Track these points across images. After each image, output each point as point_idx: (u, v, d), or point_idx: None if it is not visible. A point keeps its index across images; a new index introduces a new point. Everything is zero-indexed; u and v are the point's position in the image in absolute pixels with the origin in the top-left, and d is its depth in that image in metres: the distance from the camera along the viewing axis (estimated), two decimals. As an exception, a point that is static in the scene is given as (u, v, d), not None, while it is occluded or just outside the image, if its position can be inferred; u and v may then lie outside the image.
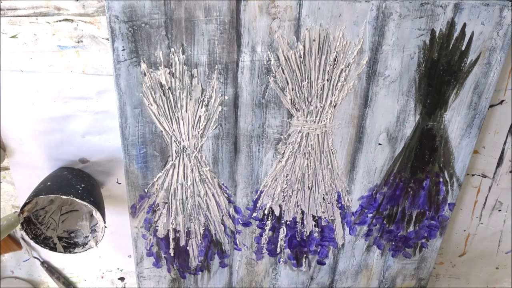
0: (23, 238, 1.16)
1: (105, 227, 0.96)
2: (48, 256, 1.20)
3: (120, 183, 1.07)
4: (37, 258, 1.19)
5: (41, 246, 0.97)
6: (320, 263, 1.20)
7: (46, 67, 0.90)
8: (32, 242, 1.00)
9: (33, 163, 1.02)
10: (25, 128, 0.97)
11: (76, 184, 0.95)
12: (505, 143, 1.10)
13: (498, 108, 1.04)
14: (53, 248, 0.99)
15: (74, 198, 0.90)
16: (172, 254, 1.12)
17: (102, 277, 1.26)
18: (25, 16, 0.84)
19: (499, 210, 1.22)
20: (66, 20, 0.85)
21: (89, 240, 1.01)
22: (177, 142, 0.96)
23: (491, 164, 1.14)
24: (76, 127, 0.98)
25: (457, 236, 1.27)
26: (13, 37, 0.86)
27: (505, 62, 0.96)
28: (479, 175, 1.15)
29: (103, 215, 0.96)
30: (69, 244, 1.01)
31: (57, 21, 0.85)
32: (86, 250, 1.00)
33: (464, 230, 1.26)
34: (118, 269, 1.24)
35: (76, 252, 1.00)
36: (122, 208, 1.08)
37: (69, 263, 1.22)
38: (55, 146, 1.00)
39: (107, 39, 0.88)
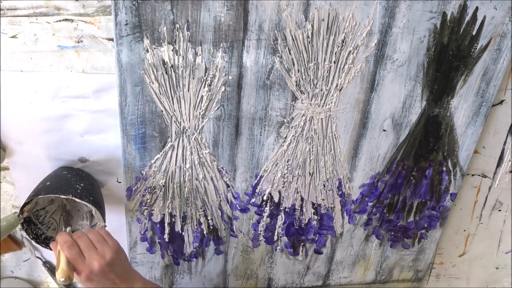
0: (26, 238, 1.14)
1: (105, 226, 0.94)
2: (51, 255, 1.18)
3: (120, 182, 1.04)
4: (40, 258, 1.18)
5: (42, 246, 0.96)
6: (317, 252, 1.18)
7: (46, 67, 0.88)
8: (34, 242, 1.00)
9: (33, 163, 1.01)
10: (25, 128, 0.96)
11: (75, 183, 0.94)
12: (505, 143, 1.10)
13: (498, 108, 1.04)
14: None
15: (73, 198, 0.89)
16: (166, 240, 1.09)
17: None
18: (25, 16, 0.83)
19: (499, 210, 1.22)
20: (66, 20, 0.84)
21: None
22: (177, 123, 0.93)
23: (491, 164, 1.14)
24: (75, 127, 0.96)
25: (457, 236, 1.27)
26: (13, 37, 0.84)
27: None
28: (479, 175, 1.15)
29: (103, 214, 0.94)
30: None
31: (57, 21, 0.83)
32: None
33: (464, 230, 1.26)
34: None
35: None
36: (122, 207, 1.05)
37: None
38: (54, 146, 0.98)
39: (107, 39, 0.86)
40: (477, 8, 0.88)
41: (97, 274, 0.81)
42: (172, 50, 0.85)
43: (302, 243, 1.16)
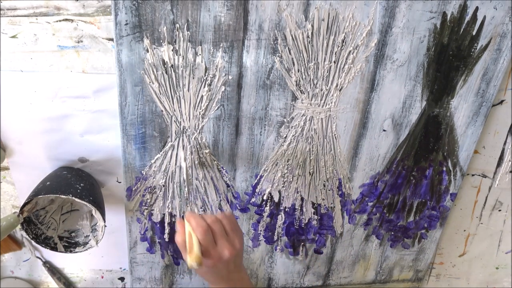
0: (26, 238, 1.14)
1: (105, 226, 0.94)
2: (50, 256, 1.18)
3: (120, 182, 1.04)
4: (40, 258, 1.18)
5: (42, 246, 0.96)
6: (317, 252, 1.18)
7: (46, 67, 0.88)
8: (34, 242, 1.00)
9: (33, 163, 1.00)
10: (25, 128, 0.95)
11: (75, 183, 0.93)
12: (505, 143, 1.10)
13: (498, 108, 1.04)
14: (54, 248, 0.98)
15: (73, 198, 0.89)
16: (166, 240, 1.09)
17: (102, 277, 1.24)
18: (25, 16, 0.82)
19: (499, 210, 1.22)
20: (66, 20, 0.83)
21: (90, 240, 1.00)
22: (177, 123, 0.93)
23: (491, 164, 1.14)
24: (75, 127, 0.96)
25: (457, 236, 1.27)
26: (13, 37, 0.84)
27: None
28: (479, 175, 1.15)
29: (103, 214, 0.94)
30: (70, 244, 1.00)
31: (57, 21, 0.83)
32: (86, 250, 0.99)
33: (464, 230, 1.26)
34: (120, 268, 1.22)
35: (76, 252, 0.99)
36: (122, 208, 1.05)
37: (70, 263, 1.20)
38: (54, 146, 0.98)
39: (107, 39, 0.86)
40: (477, 8, 0.88)
41: (224, 262, 0.79)
42: (172, 50, 0.85)
43: (302, 243, 1.16)
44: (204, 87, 0.90)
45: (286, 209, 1.09)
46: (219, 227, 0.80)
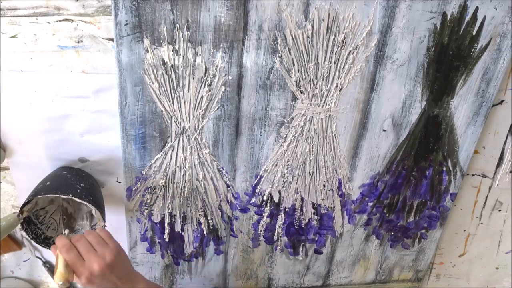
0: (26, 238, 1.14)
1: (105, 226, 0.94)
2: (50, 256, 1.18)
3: (120, 182, 1.04)
4: (40, 258, 1.18)
5: (42, 246, 0.96)
6: (317, 252, 1.18)
7: (46, 67, 0.88)
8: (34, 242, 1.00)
9: (33, 163, 1.00)
10: (25, 128, 0.95)
11: (75, 183, 0.93)
12: (505, 143, 1.10)
13: (498, 108, 1.04)
14: None
15: (73, 198, 0.89)
16: (166, 240, 1.09)
17: None
18: (25, 16, 0.83)
19: (499, 210, 1.22)
20: (66, 20, 0.83)
21: None
22: (177, 123, 0.93)
23: (491, 164, 1.14)
24: (75, 127, 0.96)
25: (457, 236, 1.27)
26: (13, 37, 0.84)
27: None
28: (479, 175, 1.15)
29: (103, 214, 0.94)
30: None
31: (57, 21, 0.83)
32: None
33: (464, 230, 1.26)
34: None
35: None
36: (122, 208, 1.05)
37: None
38: (54, 146, 0.98)
39: (107, 39, 0.86)
40: (477, 8, 0.88)
41: (97, 276, 0.81)
42: (172, 50, 0.85)
43: (302, 243, 1.16)
44: (204, 87, 0.90)
45: (286, 210, 1.09)
46: (84, 244, 0.83)
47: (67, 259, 0.80)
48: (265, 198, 1.06)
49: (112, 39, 0.85)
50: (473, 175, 1.14)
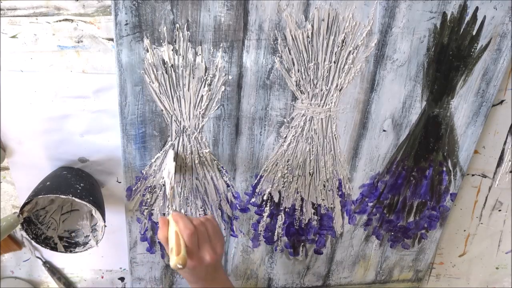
0: (26, 238, 1.14)
1: (105, 226, 0.94)
2: (50, 256, 1.18)
3: (120, 182, 1.04)
4: (40, 258, 1.18)
5: (42, 246, 0.96)
6: (318, 252, 1.18)
7: (46, 67, 0.88)
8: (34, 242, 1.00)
9: (33, 163, 1.00)
10: (25, 128, 0.95)
11: (75, 183, 0.93)
12: (505, 143, 1.10)
13: (498, 108, 1.04)
14: (54, 248, 0.98)
15: (73, 198, 0.89)
16: (166, 239, 1.09)
17: (102, 277, 1.24)
18: (25, 16, 0.83)
19: (499, 210, 1.22)
20: (66, 20, 0.83)
21: (90, 240, 1.00)
22: (177, 122, 0.93)
23: (491, 164, 1.14)
24: (75, 127, 0.96)
25: (457, 236, 1.27)
26: (13, 37, 0.84)
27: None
28: (479, 175, 1.15)
29: (103, 214, 0.94)
30: (70, 244, 1.00)
31: (57, 21, 0.83)
32: (86, 250, 0.99)
33: (464, 230, 1.26)
34: (120, 268, 1.22)
35: (76, 252, 0.99)
36: (122, 207, 1.05)
37: (70, 263, 1.21)
38: (54, 146, 0.98)
39: (107, 39, 0.86)
40: (477, 8, 0.87)
41: (208, 265, 0.80)
42: (172, 50, 0.85)
43: (302, 243, 1.16)
44: (204, 87, 0.90)
45: (286, 210, 1.09)
46: (204, 232, 0.81)
47: (188, 244, 0.77)
48: (265, 198, 1.06)
49: (112, 39, 0.85)
50: (473, 175, 1.14)
